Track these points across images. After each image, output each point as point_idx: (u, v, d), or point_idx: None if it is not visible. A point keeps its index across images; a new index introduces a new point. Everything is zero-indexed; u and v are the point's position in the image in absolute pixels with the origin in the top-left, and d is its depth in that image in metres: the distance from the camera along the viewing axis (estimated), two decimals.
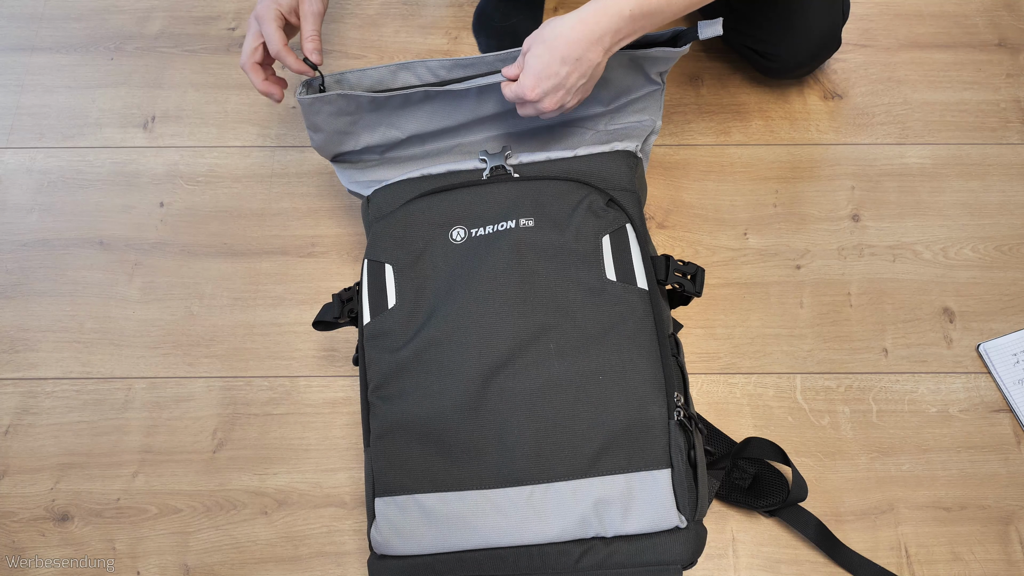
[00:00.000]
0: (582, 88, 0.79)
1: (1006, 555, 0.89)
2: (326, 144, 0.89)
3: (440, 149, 0.92)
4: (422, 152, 0.92)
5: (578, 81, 0.78)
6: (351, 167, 0.92)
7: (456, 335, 0.74)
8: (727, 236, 1.05)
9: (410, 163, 0.92)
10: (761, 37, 1.04)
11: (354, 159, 0.92)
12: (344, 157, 0.92)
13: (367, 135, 0.89)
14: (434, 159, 0.91)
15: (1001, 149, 1.10)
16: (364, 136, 0.89)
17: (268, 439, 0.96)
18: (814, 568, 0.88)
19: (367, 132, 0.89)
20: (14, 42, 1.21)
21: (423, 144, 0.91)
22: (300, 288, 1.03)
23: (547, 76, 0.77)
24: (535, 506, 0.69)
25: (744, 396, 0.97)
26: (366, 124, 0.88)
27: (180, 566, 0.90)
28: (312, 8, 0.83)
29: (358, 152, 0.91)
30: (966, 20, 1.19)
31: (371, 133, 0.89)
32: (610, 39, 0.76)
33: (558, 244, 0.76)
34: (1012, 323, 1.00)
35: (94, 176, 1.11)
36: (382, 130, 0.89)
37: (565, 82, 0.77)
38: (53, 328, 1.02)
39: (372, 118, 0.87)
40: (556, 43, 0.76)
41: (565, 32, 0.76)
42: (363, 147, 0.90)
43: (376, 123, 0.88)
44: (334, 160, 0.92)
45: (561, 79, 0.77)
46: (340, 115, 0.86)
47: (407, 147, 0.91)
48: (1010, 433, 0.94)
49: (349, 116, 0.86)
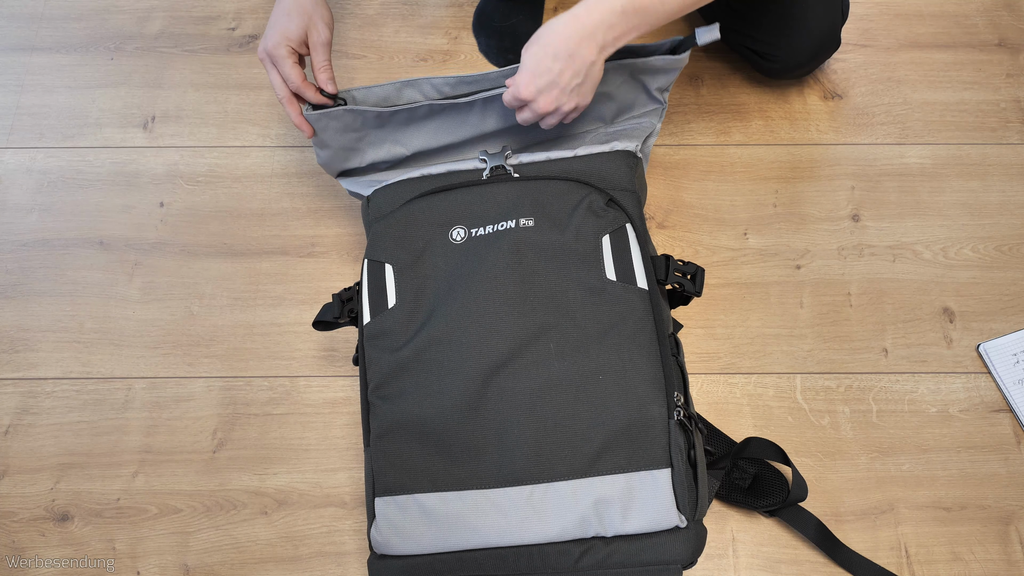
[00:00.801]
0: (578, 89, 0.79)
1: (1006, 555, 0.89)
2: (332, 160, 0.90)
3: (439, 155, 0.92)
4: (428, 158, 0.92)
5: (572, 80, 0.78)
6: (355, 181, 0.93)
7: (456, 335, 0.74)
8: (727, 236, 1.05)
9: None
10: (761, 37, 1.04)
11: (359, 175, 0.94)
12: (349, 174, 0.93)
13: (372, 151, 0.90)
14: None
15: (1001, 149, 1.10)
16: (369, 153, 0.90)
17: (268, 439, 0.96)
18: (814, 568, 0.88)
19: (372, 148, 0.90)
20: (14, 42, 1.21)
21: (427, 162, 0.92)
22: (300, 288, 1.04)
23: (540, 73, 0.77)
24: (535, 506, 0.69)
25: (744, 396, 0.97)
26: (372, 140, 0.89)
27: (180, 566, 0.90)
28: (320, 38, 0.85)
29: (363, 169, 0.93)
30: (966, 20, 1.19)
31: (376, 149, 0.90)
32: (603, 35, 0.76)
33: (558, 244, 0.76)
34: (1012, 323, 1.00)
35: (94, 176, 1.11)
36: (387, 147, 0.90)
37: (559, 79, 0.77)
38: (53, 328, 1.02)
39: (378, 134, 0.89)
40: (549, 40, 0.76)
41: (558, 29, 0.76)
42: (368, 163, 0.91)
43: (382, 139, 0.89)
44: (339, 176, 0.93)
45: (555, 76, 0.77)
46: (346, 131, 0.87)
47: (411, 164, 0.92)
48: (1010, 433, 0.94)
49: (355, 132, 0.88)
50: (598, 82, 0.81)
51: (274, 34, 0.84)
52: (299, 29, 0.84)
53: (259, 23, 1.22)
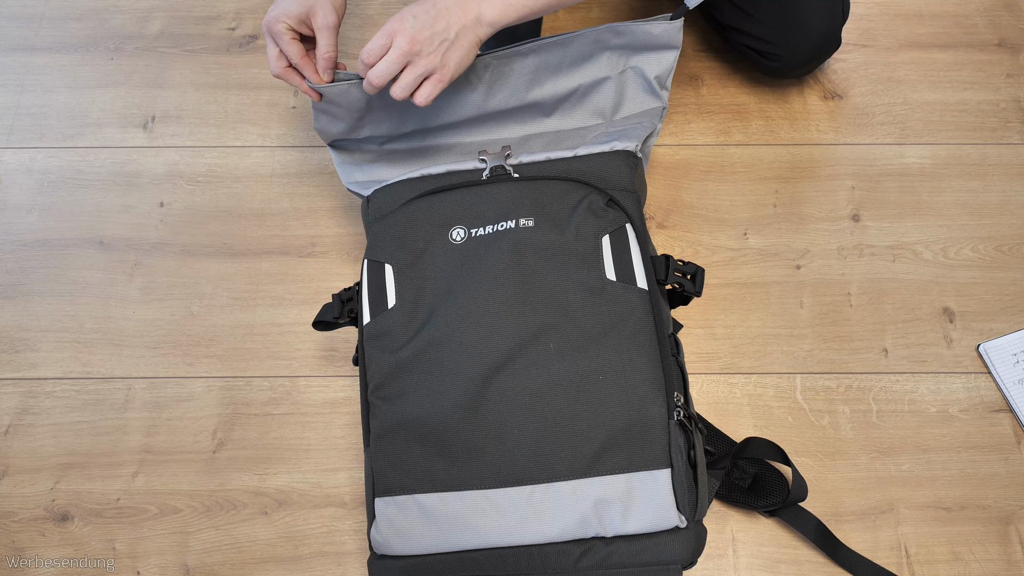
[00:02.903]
0: (444, 49, 0.76)
1: (1006, 555, 0.89)
2: (329, 126, 0.88)
3: (440, 146, 0.92)
4: (422, 147, 0.91)
5: (443, 31, 0.76)
6: (348, 158, 0.92)
7: (456, 335, 0.74)
8: (727, 236, 1.05)
9: (409, 158, 0.92)
10: (762, 36, 1.04)
11: (353, 147, 0.92)
12: (343, 144, 0.91)
13: (371, 125, 0.89)
14: (433, 156, 0.91)
15: (1001, 149, 1.10)
16: (368, 123, 0.88)
17: (268, 439, 0.96)
18: (814, 568, 0.88)
19: (372, 120, 0.88)
20: (14, 42, 1.21)
21: (424, 139, 0.91)
22: (300, 288, 1.03)
23: (419, 13, 0.76)
24: (535, 506, 0.69)
25: (744, 396, 0.97)
26: (375, 109, 0.87)
27: (180, 566, 0.90)
28: (326, 20, 0.79)
29: (359, 141, 0.91)
30: (966, 20, 1.19)
31: (375, 125, 0.89)
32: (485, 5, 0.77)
33: (558, 244, 0.76)
34: (1012, 323, 1.00)
35: (94, 176, 1.11)
36: (387, 124, 0.89)
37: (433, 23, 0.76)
38: (53, 328, 1.02)
39: (381, 104, 0.87)
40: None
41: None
42: (365, 136, 0.90)
43: (384, 108, 0.87)
44: (333, 146, 0.92)
45: (431, 17, 0.75)
46: (352, 108, 0.85)
47: (408, 140, 0.91)
48: (1010, 433, 0.94)
49: (359, 110, 0.86)
50: (463, 65, 0.79)
51: (275, 9, 0.80)
52: (300, 8, 0.79)
53: (259, 23, 1.22)
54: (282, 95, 1.16)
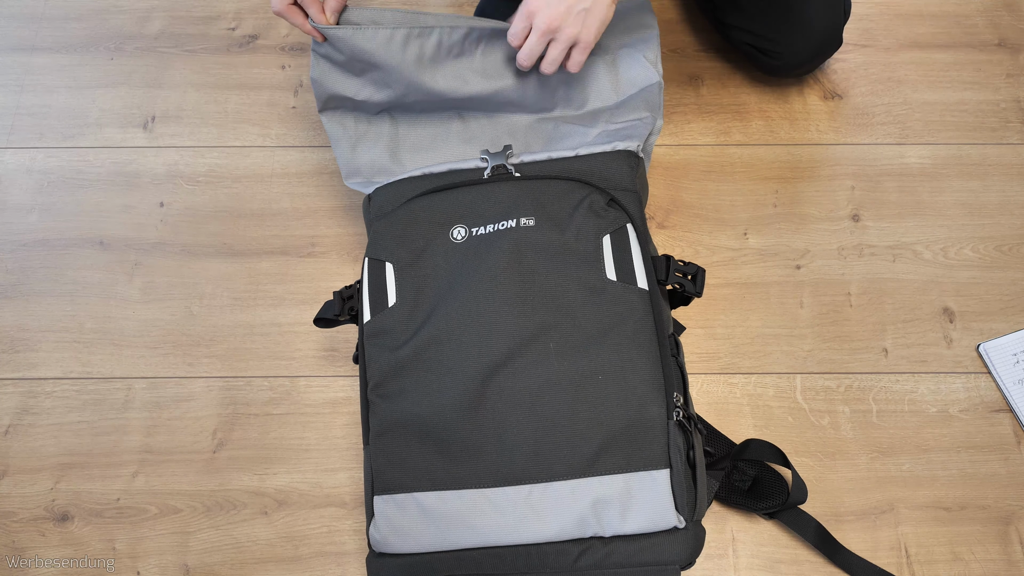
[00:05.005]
0: (584, 16, 0.77)
1: (1006, 555, 0.89)
2: (327, 76, 0.86)
3: (441, 119, 0.91)
4: (425, 117, 0.90)
5: (579, 2, 0.76)
6: (342, 132, 0.90)
7: (456, 334, 0.74)
8: (727, 236, 1.05)
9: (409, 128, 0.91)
10: (763, 34, 1.04)
11: (349, 112, 0.90)
12: (339, 103, 0.89)
13: (372, 87, 0.87)
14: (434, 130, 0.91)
15: (1001, 149, 1.10)
16: (369, 82, 0.87)
17: (268, 439, 0.96)
18: (814, 568, 0.88)
19: (373, 80, 0.87)
20: (14, 42, 1.21)
21: (427, 110, 0.90)
22: (300, 288, 1.04)
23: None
24: (533, 505, 0.69)
25: (744, 396, 0.97)
26: (376, 77, 0.86)
27: (180, 566, 0.90)
28: None
29: (358, 102, 0.89)
30: (966, 20, 1.19)
31: (377, 88, 0.87)
32: None
33: (558, 244, 0.76)
34: (1012, 323, 1.00)
35: (94, 176, 1.11)
36: (387, 91, 0.87)
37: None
38: (53, 328, 1.02)
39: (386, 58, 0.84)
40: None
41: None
42: (364, 98, 0.88)
43: (386, 69, 0.85)
44: (326, 109, 0.89)
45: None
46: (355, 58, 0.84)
47: (410, 107, 0.90)
48: (1010, 433, 0.94)
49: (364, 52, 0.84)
50: (605, 23, 0.79)
51: None
52: None
53: (259, 23, 1.22)
54: (282, 95, 1.16)
